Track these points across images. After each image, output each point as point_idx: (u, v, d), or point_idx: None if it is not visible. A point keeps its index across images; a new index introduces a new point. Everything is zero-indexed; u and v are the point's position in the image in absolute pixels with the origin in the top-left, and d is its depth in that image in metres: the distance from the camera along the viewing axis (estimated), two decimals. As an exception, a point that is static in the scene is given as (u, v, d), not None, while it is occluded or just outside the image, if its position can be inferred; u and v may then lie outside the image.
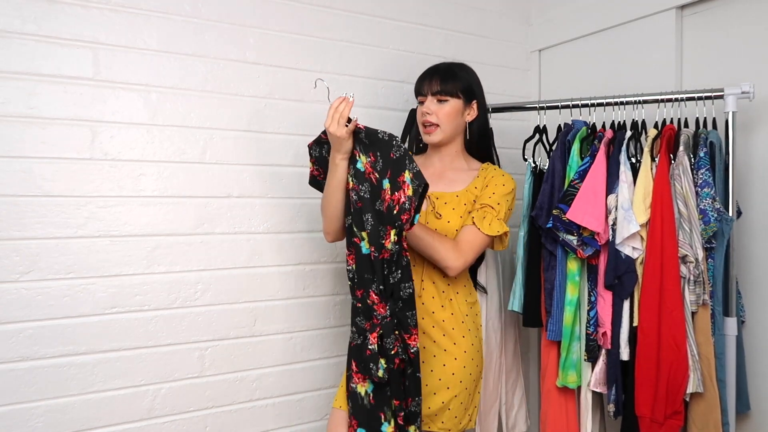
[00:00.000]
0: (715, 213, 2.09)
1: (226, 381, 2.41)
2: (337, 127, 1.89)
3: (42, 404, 2.12)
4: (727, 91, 2.17)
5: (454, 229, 2.14)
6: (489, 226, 2.09)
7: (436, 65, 2.26)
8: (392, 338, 1.93)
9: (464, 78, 2.23)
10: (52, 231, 2.13)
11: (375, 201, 1.90)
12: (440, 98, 2.18)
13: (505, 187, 2.17)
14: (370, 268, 1.92)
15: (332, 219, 2.05)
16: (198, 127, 2.36)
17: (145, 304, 2.27)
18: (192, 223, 2.36)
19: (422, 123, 2.21)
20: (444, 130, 2.19)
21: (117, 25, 2.22)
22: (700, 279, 2.10)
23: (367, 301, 1.94)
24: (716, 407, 2.10)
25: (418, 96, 2.23)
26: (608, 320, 2.20)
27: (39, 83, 2.10)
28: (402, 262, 1.93)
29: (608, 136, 2.28)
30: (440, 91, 2.18)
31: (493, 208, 2.12)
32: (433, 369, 2.12)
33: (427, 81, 2.20)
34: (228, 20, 2.42)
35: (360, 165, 1.93)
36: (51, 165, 2.12)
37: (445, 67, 2.24)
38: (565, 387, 2.32)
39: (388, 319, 1.93)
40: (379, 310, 1.93)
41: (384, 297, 1.92)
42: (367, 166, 1.92)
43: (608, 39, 2.87)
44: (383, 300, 1.92)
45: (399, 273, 1.93)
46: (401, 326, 1.95)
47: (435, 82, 2.19)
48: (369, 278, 1.93)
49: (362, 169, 1.92)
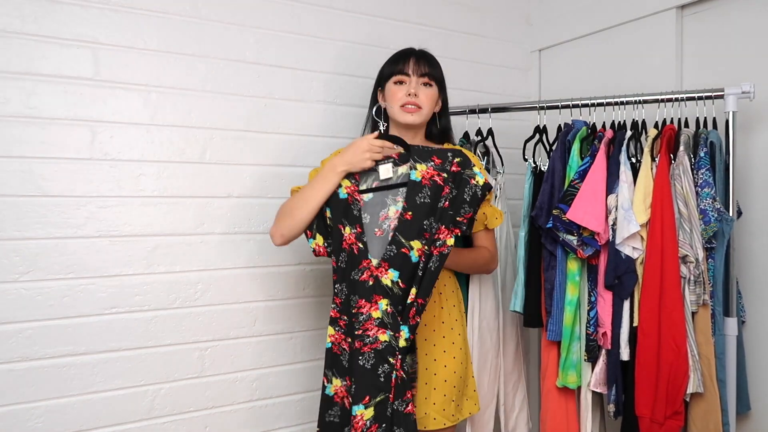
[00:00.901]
0: (715, 213, 2.08)
1: (226, 381, 2.41)
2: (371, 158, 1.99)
3: (42, 404, 2.12)
4: (728, 90, 2.16)
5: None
6: (495, 220, 2.18)
7: (411, 48, 2.22)
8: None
9: (440, 67, 2.22)
10: (51, 231, 2.13)
11: (437, 202, 1.96)
12: (427, 81, 2.16)
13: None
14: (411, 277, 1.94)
15: (303, 223, 2.03)
16: (198, 127, 2.36)
17: (145, 304, 2.27)
18: (192, 223, 2.36)
19: (405, 103, 2.13)
20: (423, 114, 2.15)
21: (117, 24, 2.22)
22: (700, 279, 2.09)
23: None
24: (716, 407, 2.10)
25: (398, 75, 2.16)
26: (608, 320, 2.19)
27: (39, 83, 2.11)
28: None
29: (608, 136, 2.28)
30: (428, 74, 2.15)
31: (486, 206, 2.18)
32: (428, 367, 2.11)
33: (414, 62, 2.16)
34: (228, 20, 2.42)
35: (415, 175, 1.98)
36: (51, 165, 2.13)
37: (423, 51, 2.22)
38: (565, 387, 2.31)
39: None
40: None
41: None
42: (428, 173, 1.97)
43: (608, 39, 2.87)
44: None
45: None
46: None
47: (423, 64, 2.16)
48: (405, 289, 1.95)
49: (418, 179, 1.97)
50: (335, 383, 1.98)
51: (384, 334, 1.92)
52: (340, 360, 1.98)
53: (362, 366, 1.91)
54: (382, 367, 1.90)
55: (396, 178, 2.02)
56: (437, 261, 1.92)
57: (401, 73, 2.16)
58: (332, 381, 1.99)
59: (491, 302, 2.43)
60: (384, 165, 2.02)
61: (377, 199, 2.02)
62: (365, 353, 1.91)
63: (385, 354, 1.91)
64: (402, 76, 2.16)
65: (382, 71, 2.24)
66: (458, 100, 2.85)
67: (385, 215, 2.00)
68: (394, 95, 2.15)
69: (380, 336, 1.92)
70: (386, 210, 2.00)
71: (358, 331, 1.93)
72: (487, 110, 2.60)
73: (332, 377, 1.99)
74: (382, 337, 1.92)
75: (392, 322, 1.92)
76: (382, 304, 1.93)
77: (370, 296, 1.93)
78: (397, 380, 1.89)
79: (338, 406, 1.98)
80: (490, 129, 2.59)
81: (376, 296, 1.93)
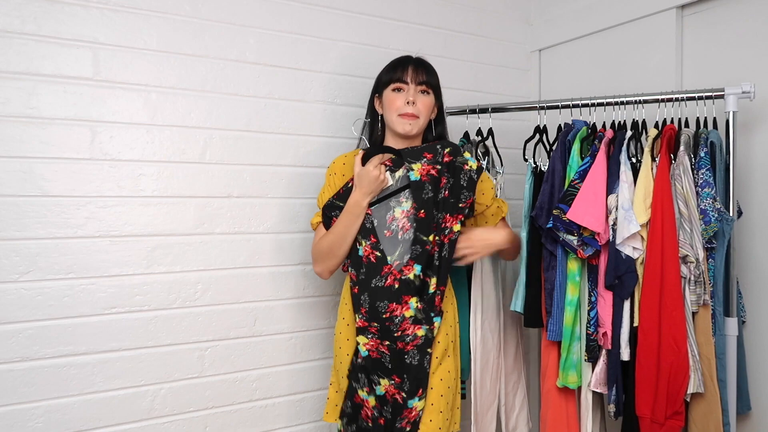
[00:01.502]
0: (715, 213, 2.07)
1: (226, 381, 2.41)
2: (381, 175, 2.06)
3: (42, 404, 2.12)
4: (728, 90, 2.15)
5: None
6: (505, 207, 2.32)
7: (408, 56, 2.22)
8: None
9: (436, 75, 2.22)
10: (51, 231, 2.13)
11: (438, 193, 2.08)
12: (425, 89, 2.16)
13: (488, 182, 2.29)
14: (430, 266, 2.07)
15: (344, 256, 2.13)
16: (198, 127, 2.36)
17: (144, 304, 2.27)
18: (192, 223, 2.36)
19: (403, 113, 2.13)
20: (420, 123, 2.16)
21: (117, 25, 2.22)
22: (700, 279, 2.09)
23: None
24: (717, 407, 2.09)
25: (396, 83, 2.15)
26: (608, 320, 2.19)
27: (39, 83, 2.11)
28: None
29: (608, 136, 2.27)
30: (426, 82, 2.16)
31: (494, 199, 2.28)
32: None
33: (413, 69, 2.15)
34: (228, 20, 2.42)
35: (414, 175, 2.09)
36: (51, 165, 2.13)
37: (420, 59, 2.21)
38: (565, 387, 2.30)
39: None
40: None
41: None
42: (423, 169, 2.09)
43: (608, 39, 2.86)
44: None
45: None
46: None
47: (422, 72, 2.16)
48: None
49: (418, 177, 2.08)
50: (384, 383, 2.06)
51: (420, 329, 2.04)
52: (382, 363, 2.06)
53: (409, 363, 2.03)
54: (426, 359, 2.05)
55: (396, 184, 2.11)
56: (448, 248, 2.08)
57: (399, 81, 2.15)
58: (380, 383, 2.07)
59: (493, 302, 2.44)
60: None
61: (382, 206, 2.10)
62: (410, 351, 2.04)
63: (425, 347, 2.05)
64: (400, 83, 2.15)
65: (379, 78, 2.23)
66: (458, 100, 2.86)
67: (392, 217, 2.09)
68: (392, 103, 2.15)
69: (418, 332, 2.04)
70: (392, 212, 2.09)
71: (397, 333, 2.04)
72: (487, 110, 2.59)
73: (379, 379, 2.07)
74: (420, 333, 2.04)
75: (425, 317, 2.05)
76: (413, 303, 2.05)
77: (399, 298, 2.04)
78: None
79: (389, 403, 2.06)
80: (490, 129, 2.58)
81: (405, 297, 2.04)
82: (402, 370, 2.04)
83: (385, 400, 2.06)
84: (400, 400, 2.04)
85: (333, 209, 2.15)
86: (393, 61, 2.22)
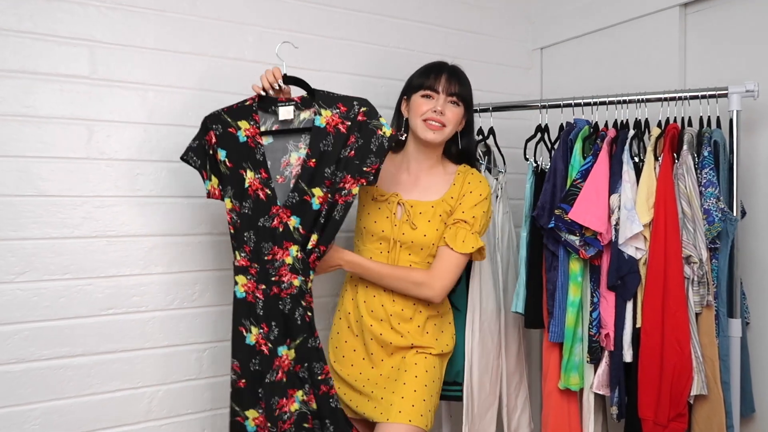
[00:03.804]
0: (719, 213, 2.07)
1: (224, 383, 2.31)
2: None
3: (38, 406, 2.10)
4: (732, 89, 2.14)
5: (431, 243, 2.11)
6: (462, 244, 2.07)
7: (443, 63, 2.19)
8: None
9: (470, 87, 2.19)
10: (48, 231, 2.12)
11: (339, 150, 2.00)
12: (455, 100, 2.12)
13: (481, 196, 2.13)
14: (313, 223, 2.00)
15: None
16: (196, 126, 2.25)
17: (142, 305, 2.26)
18: (190, 223, 2.34)
19: (429, 119, 2.09)
20: (446, 133, 2.12)
21: (114, 22, 2.21)
22: (704, 280, 2.08)
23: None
24: (720, 409, 2.09)
25: (426, 90, 2.11)
26: (611, 321, 2.18)
27: (35, 81, 2.09)
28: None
29: (611, 135, 2.27)
30: (458, 94, 2.12)
31: (466, 222, 2.10)
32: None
33: (446, 79, 2.11)
34: (226, 18, 2.40)
35: (319, 121, 2.01)
36: (47, 164, 2.12)
37: (455, 68, 2.17)
38: (567, 389, 2.30)
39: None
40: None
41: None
42: (332, 120, 2.01)
43: (611, 37, 2.85)
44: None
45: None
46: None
47: (455, 83, 2.11)
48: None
49: (323, 125, 2.01)
50: (254, 332, 2.00)
51: (296, 279, 1.98)
52: (255, 308, 2.00)
53: (282, 311, 1.98)
54: (299, 310, 1.99)
55: (298, 123, 2.04)
56: (342, 210, 2.00)
57: (430, 89, 2.11)
58: (251, 330, 2.00)
59: (492, 303, 2.43)
60: (285, 107, 2.04)
61: (278, 145, 2.05)
62: (284, 299, 1.98)
63: (299, 298, 1.98)
64: (431, 92, 2.11)
65: (410, 81, 2.20)
66: (459, 98, 2.84)
67: (286, 161, 2.04)
68: (419, 107, 2.12)
69: (293, 281, 1.98)
70: (287, 156, 2.04)
71: (274, 278, 1.98)
72: (488, 109, 2.58)
73: (250, 326, 2.00)
74: (295, 282, 1.98)
75: (303, 268, 1.99)
76: (293, 251, 1.98)
77: (282, 243, 1.98)
78: (310, 321, 2.00)
79: (260, 354, 1.99)
80: (491, 128, 2.58)
81: (286, 243, 1.98)
82: (271, 318, 1.98)
83: (255, 350, 2.00)
84: (267, 351, 1.98)
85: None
86: (427, 65, 2.19)
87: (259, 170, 2.00)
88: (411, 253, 2.13)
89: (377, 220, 2.15)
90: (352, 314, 2.19)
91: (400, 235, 2.12)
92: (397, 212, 2.14)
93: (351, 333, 2.19)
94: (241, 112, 2.05)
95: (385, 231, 2.14)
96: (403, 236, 2.12)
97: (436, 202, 2.14)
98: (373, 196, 2.18)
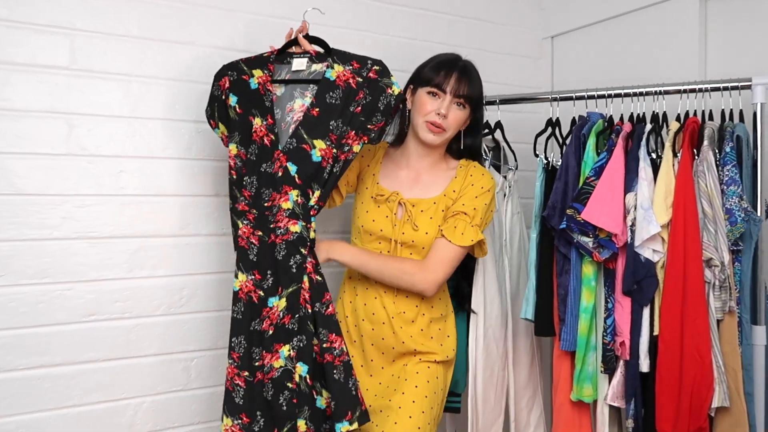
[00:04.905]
0: (742, 213, 2.04)
1: (213, 394, 2.36)
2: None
3: (14, 419, 2.07)
4: (755, 80, 2.10)
5: (433, 241, 2.12)
6: (461, 236, 2.05)
7: (456, 58, 2.16)
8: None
9: (481, 86, 2.17)
10: (25, 232, 2.08)
11: (348, 105, 2.03)
12: (461, 102, 2.11)
13: (483, 189, 2.13)
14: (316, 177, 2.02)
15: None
16: (183, 119, 2.33)
17: (126, 311, 2.24)
18: (177, 223, 2.32)
19: (431, 121, 2.09)
20: (445, 137, 2.13)
21: (95, 9, 2.17)
22: (725, 284, 2.05)
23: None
24: (743, 423, 2.06)
25: (433, 87, 2.10)
26: (627, 329, 2.15)
27: (11, 72, 2.06)
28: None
29: (626, 130, 2.23)
30: (466, 95, 2.10)
31: (466, 214, 2.09)
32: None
33: (456, 78, 2.09)
34: (216, 5, 2.37)
35: (330, 74, 2.04)
36: (24, 161, 2.08)
37: (467, 67, 2.15)
38: (579, 401, 2.27)
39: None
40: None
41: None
42: (344, 75, 2.04)
43: (627, 24, 2.83)
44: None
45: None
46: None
47: (464, 84, 2.09)
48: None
49: (333, 78, 2.04)
50: (240, 278, 2.01)
51: (295, 225, 1.99)
52: (247, 254, 2.02)
53: (275, 257, 1.98)
54: (294, 258, 1.97)
55: (309, 74, 2.10)
56: (342, 166, 2.03)
57: (438, 87, 2.10)
58: (237, 276, 2.01)
59: (497, 309, 2.38)
60: (299, 58, 2.11)
61: (287, 93, 2.10)
62: (279, 244, 1.98)
63: (297, 244, 1.98)
64: (438, 90, 2.10)
65: (419, 71, 2.18)
66: (464, 90, 2.79)
67: (290, 108, 2.07)
68: (423, 106, 2.12)
69: (291, 227, 1.98)
70: (292, 103, 2.08)
71: (271, 225, 1.99)
72: (495, 102, 2.55)
73: (237, 272, 2.02)
74: (293, 228, 1.98)
75: (303, 213, 1.99)
76: (293, 195, 1.99)
77: (281, 187, 1.99)
78: (312, 281, 1.97)
79: (242, 302, 2.01)
80: (499, 122, 2.54)
81: (286, 187, 1.99)
82: (266, 266, 1.99)
83: (237, 297, 2.00)
84: (256, 299, 1.99)
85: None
86: (440, 59, 2.16)
87: (266, 116, 2.04)
88: (413, 252, 2.13)
89: (376, 219, 2.15)
90: (350, 318, 2.18)
91: (400, 235, 2.12)
92: (398, 212, 2.15)
93: (348, 339, 2.17)
94: (258, 61, 2.11)
95: (384, 231, 2.13)
96: (404, 236, 2.12)
97: (437, 198, 2.14)
98: (373, 195, 2.18)
